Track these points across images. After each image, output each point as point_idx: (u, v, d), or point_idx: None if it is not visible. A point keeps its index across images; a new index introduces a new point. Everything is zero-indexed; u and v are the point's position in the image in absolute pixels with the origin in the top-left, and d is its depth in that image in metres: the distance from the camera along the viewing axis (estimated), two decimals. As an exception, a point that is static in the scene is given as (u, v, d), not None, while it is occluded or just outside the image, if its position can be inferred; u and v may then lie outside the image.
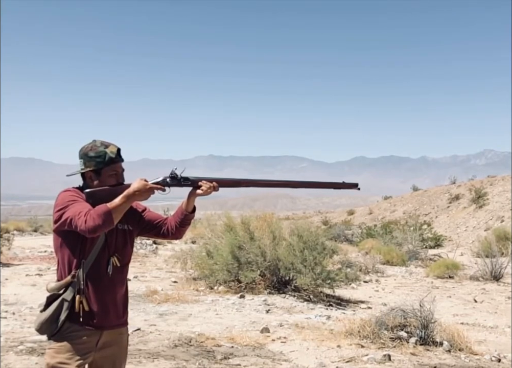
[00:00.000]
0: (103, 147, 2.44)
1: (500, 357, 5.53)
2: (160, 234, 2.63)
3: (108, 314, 2.43)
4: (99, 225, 2.20)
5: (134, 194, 2.29)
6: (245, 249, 8.93)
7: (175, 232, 2.58)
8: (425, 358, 5.28)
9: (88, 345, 2.39)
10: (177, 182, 2.49)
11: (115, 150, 2.46)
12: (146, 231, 2.63)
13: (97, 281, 2.40)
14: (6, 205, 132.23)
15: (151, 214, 2.64)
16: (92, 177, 2.44)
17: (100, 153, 2.42)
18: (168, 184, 2.47)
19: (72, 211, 2.27)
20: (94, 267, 2.39)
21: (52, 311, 2.36)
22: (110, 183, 2.44)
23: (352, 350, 5.40)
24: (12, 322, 6.28)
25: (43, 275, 10.14)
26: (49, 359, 2.37)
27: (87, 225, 2.20)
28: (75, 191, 2.41)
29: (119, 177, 2.49)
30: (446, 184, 40.36)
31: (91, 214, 2.21)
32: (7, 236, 14.09)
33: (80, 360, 2.35)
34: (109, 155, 2.43)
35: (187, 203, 2.54)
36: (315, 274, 8.29)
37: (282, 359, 5.13)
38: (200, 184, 2.50)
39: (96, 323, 2.40)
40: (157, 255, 14.72)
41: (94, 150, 2.43)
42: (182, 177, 2.51)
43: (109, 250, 2.43)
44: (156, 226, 2.61)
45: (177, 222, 2.56)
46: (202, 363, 4.86)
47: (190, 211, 2.56)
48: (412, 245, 16.53)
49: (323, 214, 47.19)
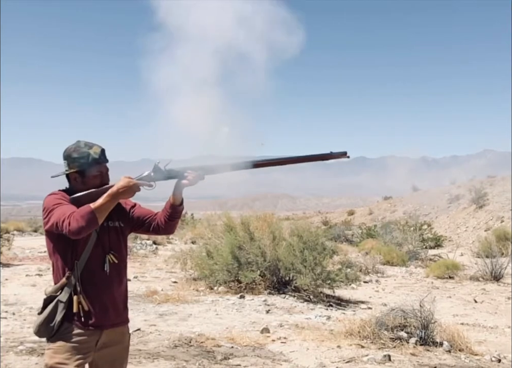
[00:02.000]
0: (87, 148, 2.43)
1: (500, 357, 5.53)
2: (151, 230, 2.59)
3: (107, 312, 2.43)
4: (83, 226, 2.19)
5: (118, 192, 2.27)
6: (245, 249, 8.93)
7: (165, 226, 2.55)
8: (425, 358, 5.28)
9: (87, 345, 2.38)
10: (161, 175, 2.45)
11: (99, 150, 2.45)
12: (137, 227, 2.61)
13: (93, 281, 2.40)
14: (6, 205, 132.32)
15: (141, 210, 2.62)
16: (76, 178, 2.44)
17: (84, 154, 2.41)
18: (153, 178, 2.43)
19: (57, 214, 2.27)
20: (88, 267, 2.39)
21: (48, 313, 2.37)
22: (95, 183, 2.42)
23: (352, 350, 5.40)
24: (12, 322, 6.28)
25: (43, 275, 10.14)
26: (47, 359, 2.37)
27: (71, 227, 2.19)
28: (61, 194, 2.40)
29: (104, 178, 2.47)
30: (446, 184, 40.37)
31: (74, 216, 2.20)
32: (7, 237, 14.08)
33: (79, 360, 2.35)
34: (92, 155, 2.42)
35: (174, 195, 2.50)
36: (315, 274, 8.28)
37: (282, 359, 5.13)
38: (185, 174, 2.46)
39: (95, 323, 2.39)
40: (157, 255, 14.71)
41: (77, 151, 2.42)
42: (166, 169, 2.46)
43: (103, 249, 2.42)
44: (145, 221, 2.58)
45: (166, 216, 2.53)
46: (202, 363, 4.86)
47: (178, 204, 2.52)
48: (412, 245, 16.53)
49: (323, 214, 47.20)
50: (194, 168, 2.48)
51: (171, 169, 2.47)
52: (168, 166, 2.47)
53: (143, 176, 2.42)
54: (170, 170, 2.47)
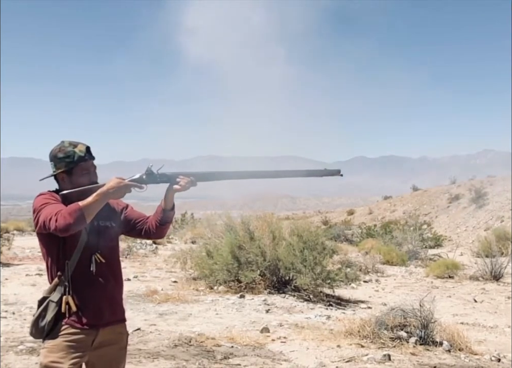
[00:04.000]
0: (71, 147, 2.43)
1: (500, 356, 5.54)
2: (143, 234, 2.60)
3: (101, 311, 2.43)
4: (70, 224, 2.18)
5: (108, 192, 2.27)
6: (245, 249, 8.94)
7: (156, 231, 2.55)
8: (425, 357, 5.29)
9: (83, 344, 2.38)
10: (153, 179, 2.45)
11: (84, 148, 2.45)
12: (129, 230, 2.60)
13: (85, 280, 2.40)
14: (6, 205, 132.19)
15: (133, 212, 2.62)
16: (64, 178, 2.44)
17: (69, 153, 2.41)
18: (144, 181, 2.43)
19: (44, 214, 2.27)
20: (80, 266, 2.39)
21: (39, 313, 2.37)
22: (83, 182, 2.42)
23: (352, 350, 5.40)
24: (12, 322, 6.28)
25: (43, 275, 10.13)
26: (42, 358, 2.37)
27: (58, 224, 2.19)
28: (50, 194, 2.40)
29: (91, 176, 2.47)
30: (446, 184, 40.33)
31: (62, 213, 2.20)
32: (7, 236, 14.09)
33: (74, 358, 2.35)
34: (78, 154, 2.42)
35: (165, 200, 2.50)
36: (315, 274, 8.29)
37: (282, 359, 5.13)
38: (177, 179, 2.46)
39: (90, 322, 2.39)
40: (157, 255, 14.71)
41: (62, 151, 2.43)
42: (159, 173, 2.46)
43: (91, 248, 2.42)
44: (137, 225, 2.58)
45: (157, 220, 2.53)
46: (202, 363, 4.87)
47: (170, 208, 2.52)
48: (412, 244, 16.54)
49: (323, 214, 47.14)
50: (186, 174, 2.48)
51: (163, 174, 2.47)
52: (161, 170, 2.47)
53: (135, 178, 2.42)
54: (163, 174, 2.47)
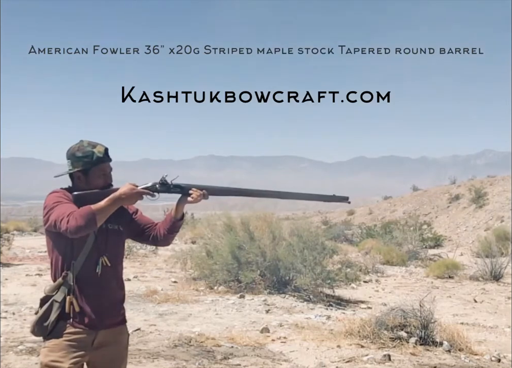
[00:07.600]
0: (90, 147, 2.44)
1: (500, 357, 5.53)
2: (150, 240, 2.61)
3: (102, 313, 2.43)
4: (81, 226, 2.19)
5: (120, 198, 2.29)
6: (245, 249, 8.94)
7: (163, 238, 2.57)
8: (425, 358, 5.28)
9: (83, 344, 2.39)
10: (166, 189, 2.48)
11: (103, 149, 2.45)
12: (137, 235, 2.62)
13: (89, 282, 2.40)
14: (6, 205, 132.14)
15: (142, 217, 2.63)
16: (80, 177, 2.44)
17: (88, 153, 2.42)
18: (157, 190, 2.46)
19: (56, 213, 2.27)
20: (85, 268, 2.39)
21: (43, 312, 2.37)
22: (99, 183, 2.43)
23: (352, 350, 5.40)
24: (12, 322, 6.29)
25: (43, 275, 10.13)
26: (42, 358, 2.38)
27: (69, 225, 2.19)
28: (63, 193, 2.41)
29: (107, 177, 2.48)
30: (446, 184, 40.34)
31: (74, 215, 2.20)
32: (7, 236, 14.07)
33: (74, 358, 2.35)
34: (96, 154, 2.42)
35: (176, 210, 2.53)
36: (315, 274, 8.29)
37: (282, 359, 5.13)
38: (190, 191, 2.48)
39: (90, 323, 2.40)
40: (157, 255, 14.71)
41: (81, 150, 2.43)
42: (172, 183, 2.50)
43: (98, 250, 2.43)
44: (145, 230, 2.60)
45: (166, 228, 2.55)
46: (202, 363, 4.87)
47: (179, 218, 2.55)
48: (412, 245, 16.52)
49: (323, 214, 47.11)
50: (200, 187, 2.51)
51: (177, 184, 2.50)
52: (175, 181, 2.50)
53: (148, 186, 2.45)
54: (177, 185, 2.50)
